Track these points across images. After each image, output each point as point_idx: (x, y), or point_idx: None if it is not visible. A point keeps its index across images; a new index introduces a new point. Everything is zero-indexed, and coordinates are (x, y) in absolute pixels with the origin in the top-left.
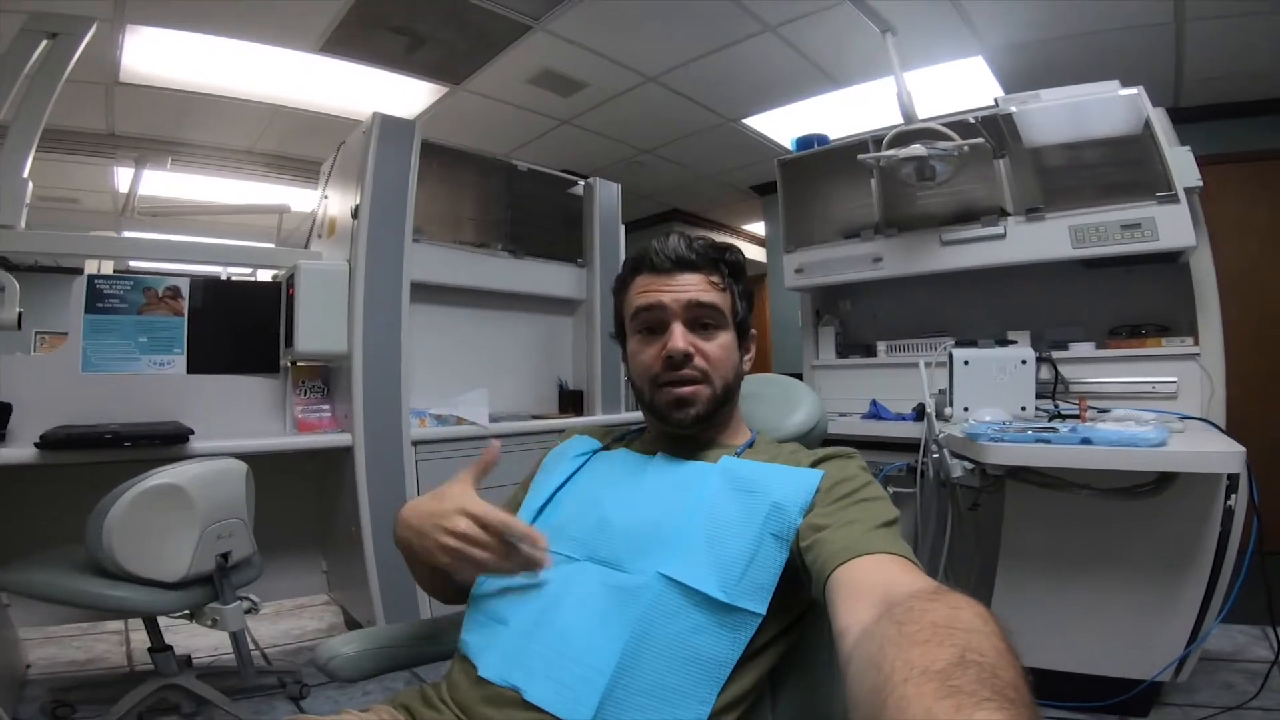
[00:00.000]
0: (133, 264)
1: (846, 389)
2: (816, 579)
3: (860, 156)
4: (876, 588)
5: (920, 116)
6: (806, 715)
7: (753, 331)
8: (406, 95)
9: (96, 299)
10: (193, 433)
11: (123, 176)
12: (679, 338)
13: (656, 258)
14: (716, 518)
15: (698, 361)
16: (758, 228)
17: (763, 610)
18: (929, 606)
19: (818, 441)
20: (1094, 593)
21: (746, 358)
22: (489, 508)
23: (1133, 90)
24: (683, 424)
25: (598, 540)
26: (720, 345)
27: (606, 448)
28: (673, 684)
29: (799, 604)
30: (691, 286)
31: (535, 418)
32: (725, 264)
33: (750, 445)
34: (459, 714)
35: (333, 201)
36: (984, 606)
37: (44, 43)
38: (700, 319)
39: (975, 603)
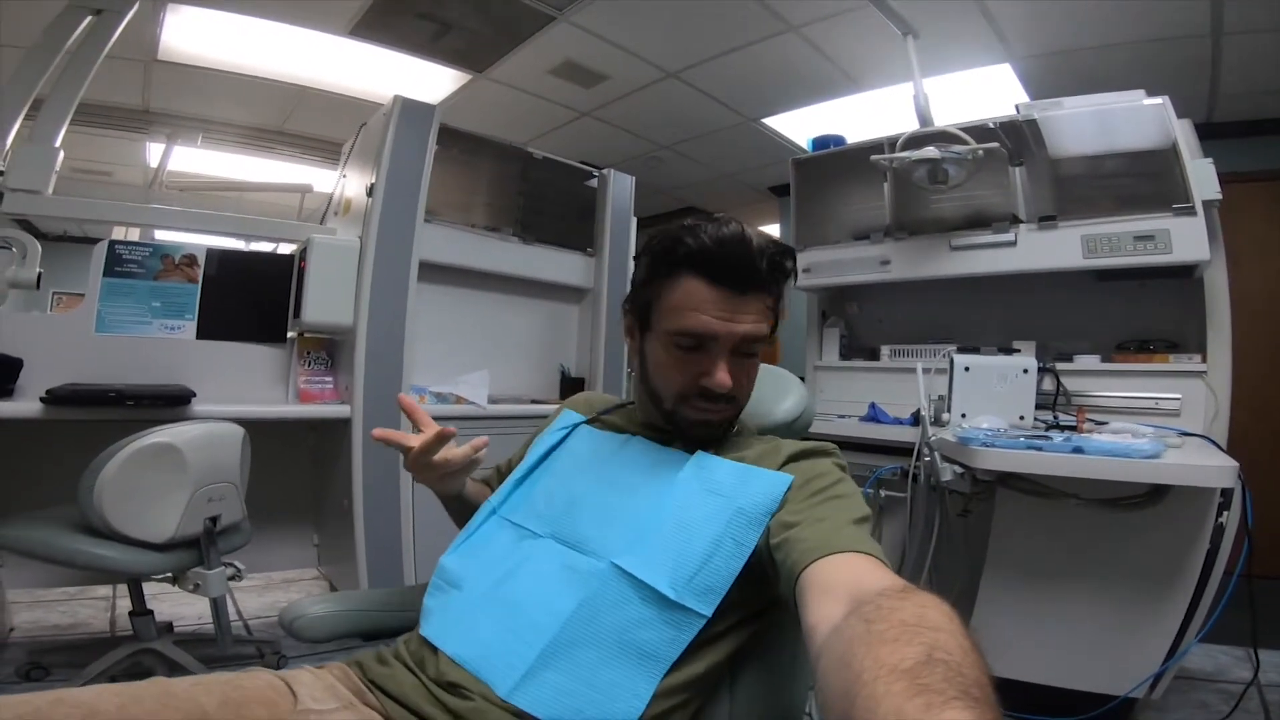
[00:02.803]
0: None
1: (848, 391)
2: (786, 577)
3: (873, 158)
4: (845, 585)
5: (945, 122)
6: (765, 702)
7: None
8: (431, 82)
9: (115, 263)
10: (195, 395)
11: (154, 151)
12: (724, 374)
13: (723, 274)
14: (680, 514)
15: (732, 390)
16: (774, 229)
17: (708, 613)
18: (897, 605)
19: (803, 429)
20: (1075, 605)
21: None
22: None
23: (1157, 100)
24: (698, 439)
25: (563, 519)
26: (754, 366)
27: (589, 422)
28: (607, 675)
29: (761, 598)
30: (749, 317)
31: (535, 402)
32: (784, 277)
33: (734, 434)
34: (407, 666)
35: (350, 181)
36: (949, 605)
37: (88, 18)
38: (746, 349)
39: (941, 601)
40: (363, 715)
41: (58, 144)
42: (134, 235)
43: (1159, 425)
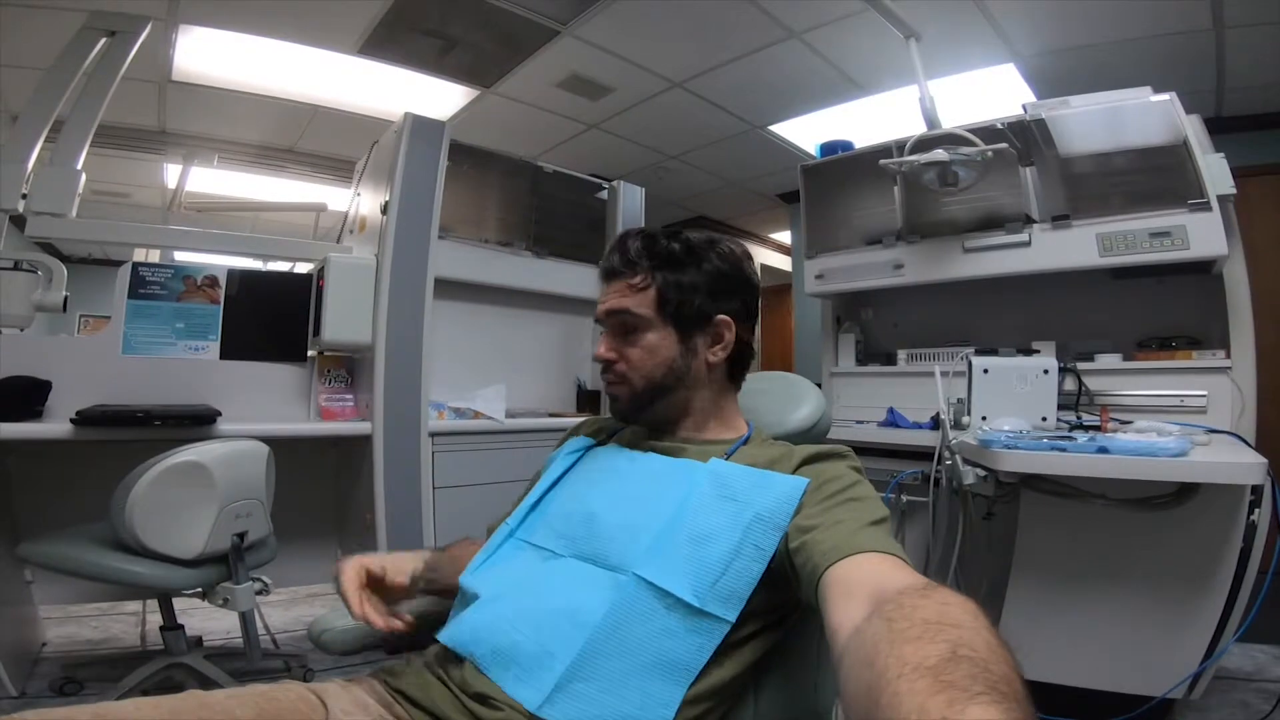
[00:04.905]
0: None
1: (866, 397)
2: (807, 581)
3: (882, 162)
4: (867, 586)
5: (954, 123)
6: (790, 709)
7: (719, 318)
8: (440, 98)
9: (139, 285)
10: (220, 414)
11: (172, 172)
12: (601, 345)
13: (601, 272)
14: (699, 522)
15: (618, 366)
16: (785, 236)
17: (732, 618)
18: (919, 603)
19: (821, 437)
20: (1106, 606)
21: (717, 347)
22: (348, 578)
23: (1165, 96)
24: (615, 416)
25: (583, 537)
26: (641, 347)
27: (600, 443)
28: (636, 685)
29: (784, 603)
30: (611, 295)
31: (552, 415)
32: (647, 257)
33: (744, 442)
34: (437, 677)
35: (364, 199)
36: (974, 602)
37: (103, 40)
38: (621, 325)
39: (965, 599)
40: None
41: (79, 166)
42: (154, 256)
43: (1185, 423)
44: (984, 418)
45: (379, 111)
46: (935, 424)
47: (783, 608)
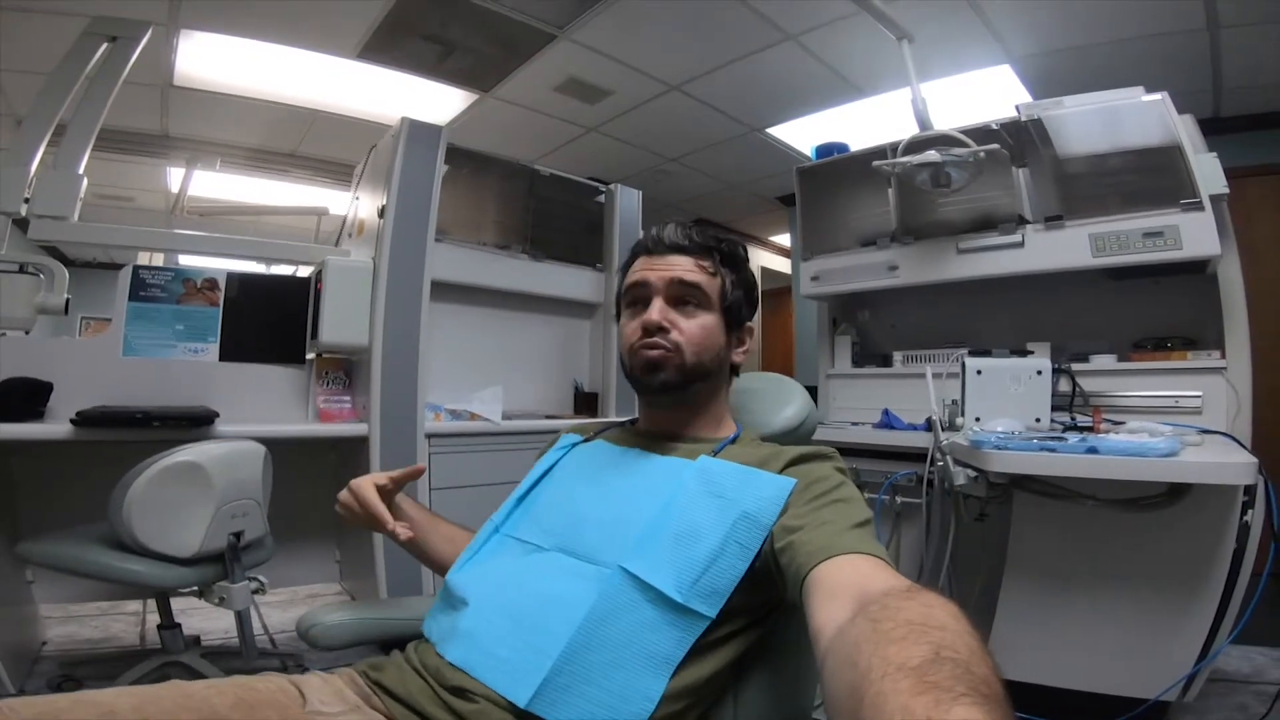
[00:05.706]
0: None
1: (861, 399)
2: (792, 581)
3: (876, 163)
4: (851, 587)
5: (948, 125)
6: (770, 709)
7: (749, 325)
8: (439, 102)
9: (140, 288)
10: (218, 415)
11: (174, 176)
12: (655, 310)
13: (652, 241)
14: (685, 518)
15: (672, 335)
16: (784, 239)
17: (713, 614)
18: (903, 604)
19: (807, 437)
20: (1100, 607)
21: (740, 350)
22: (363, 486)
23: (1156, 96)
24: (651, 387)
25: (569, 532)
26: (699, 324)
27: (587, 440)
28: (618, 677)
29: (767, 602)
30: (677, 266)
31: (549, 417)
32: (718, 251)
33: (732, 441)
34: (415, 670)
35: (363, 203)
36: (956, 605)
37: (104, 45)
38: (682, 297)
39: (948, 601)
40: (369, 718)
41: (81, 170)
42: (157, 260)
43: (1179, 424)
44: (977, 419)
45: (379, 116)
46: (929, 425)
47: (764, 606)
